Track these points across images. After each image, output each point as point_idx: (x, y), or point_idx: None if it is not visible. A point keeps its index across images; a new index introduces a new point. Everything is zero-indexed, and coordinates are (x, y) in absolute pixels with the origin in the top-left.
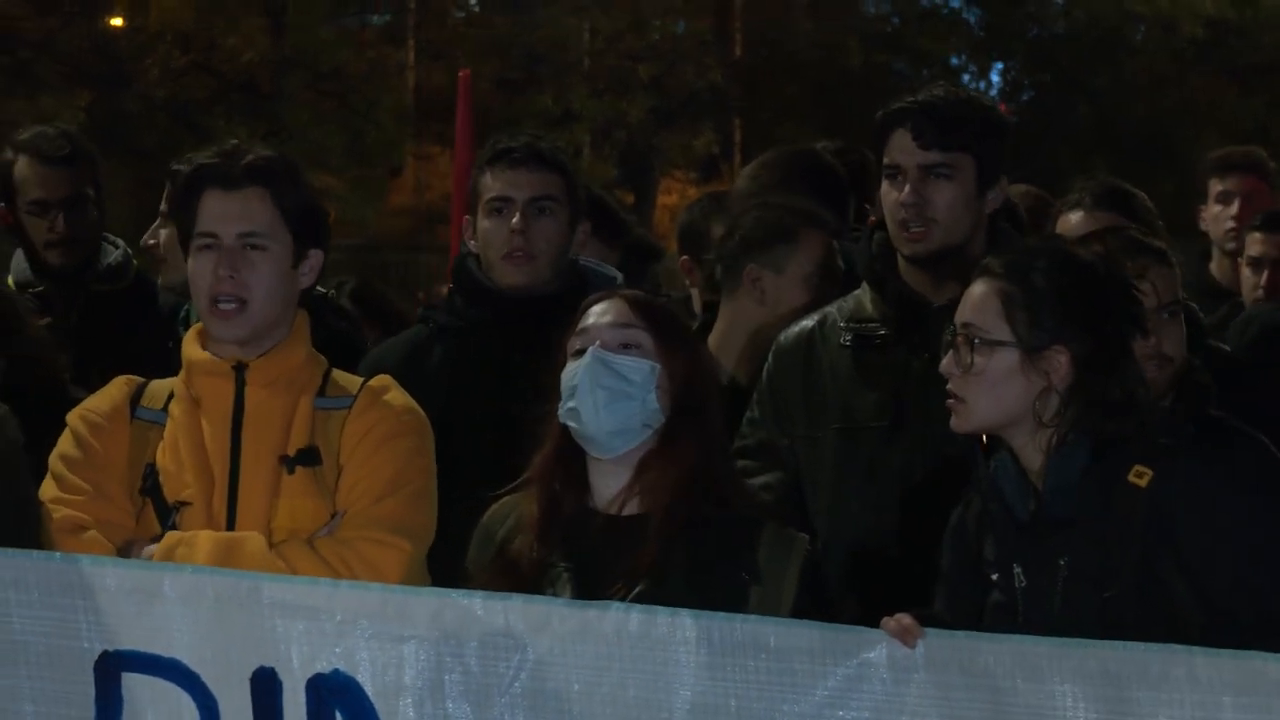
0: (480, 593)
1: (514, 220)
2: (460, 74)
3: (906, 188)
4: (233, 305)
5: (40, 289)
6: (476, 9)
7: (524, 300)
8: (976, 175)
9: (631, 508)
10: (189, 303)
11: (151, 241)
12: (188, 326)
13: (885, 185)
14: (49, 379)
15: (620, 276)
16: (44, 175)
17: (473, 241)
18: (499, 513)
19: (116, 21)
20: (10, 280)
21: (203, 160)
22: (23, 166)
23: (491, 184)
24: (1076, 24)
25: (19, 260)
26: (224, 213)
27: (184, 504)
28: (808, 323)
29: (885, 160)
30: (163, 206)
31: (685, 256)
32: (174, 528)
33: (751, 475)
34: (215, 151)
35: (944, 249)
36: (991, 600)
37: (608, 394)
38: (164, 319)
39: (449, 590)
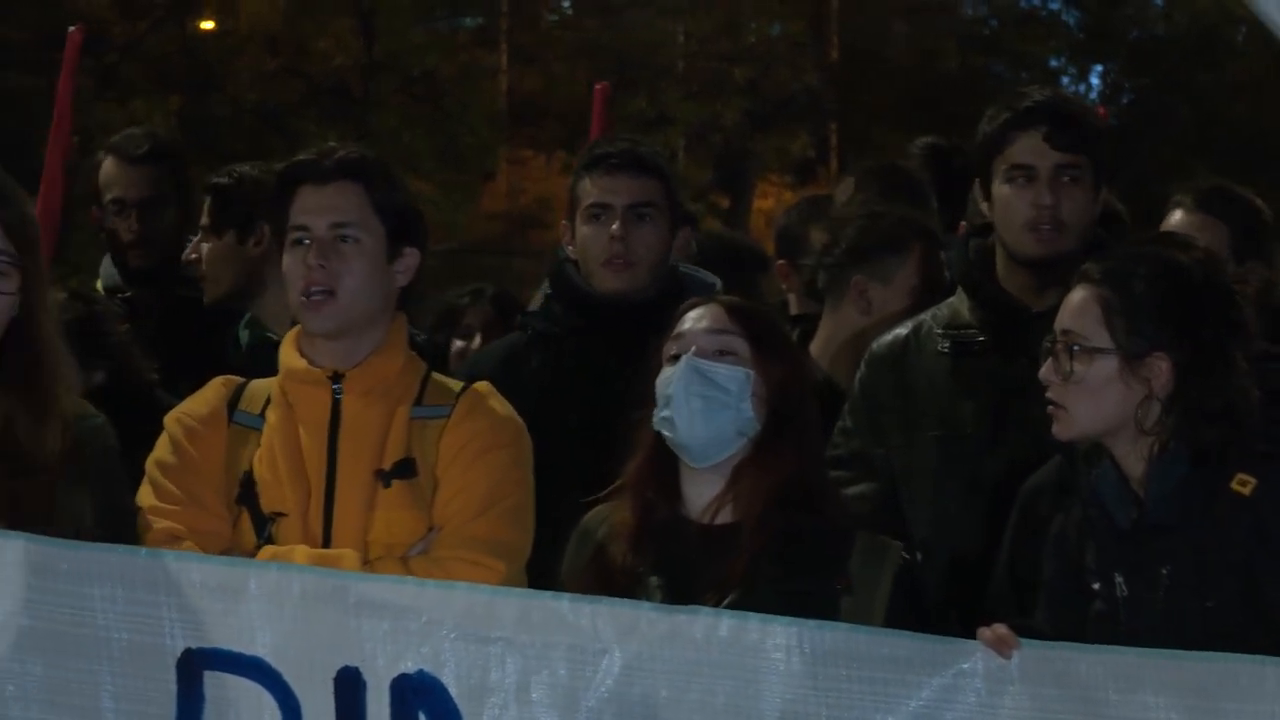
0: (568, 595)
1: (613, 227)
2: (597, 87)
3: (1041, 190)
4: (323, 295)
5: (127, 293)
6: (569, 12)
7: (621, 306)
8: (1094, 179)
9: (724, 516)
10: (249, 311)
11: (194, 256)
12: (249, 333)
13: (1008, 188)
14: (137, 386)
15: (719, 283)
16: (123, 174)
17: (570, 247)
18: (595, 519)
19: (206, 25)
20: (99, 284)
21: (296, 159)
22: (107, 166)
23: (590, 190)
24: (1177, 25)
25: (107, 264)
26: (315, 205)
27: (280, 515)
28: (902, 330)
29: (1010, 162)
30: (203, 220)
31: (782, 261)
32: (270, 539)
33: (845, 485)
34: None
35: (1070, 252)
36: (1093, 609)
37: (702, 403)
38: (215, 325)
39: (536, 592)
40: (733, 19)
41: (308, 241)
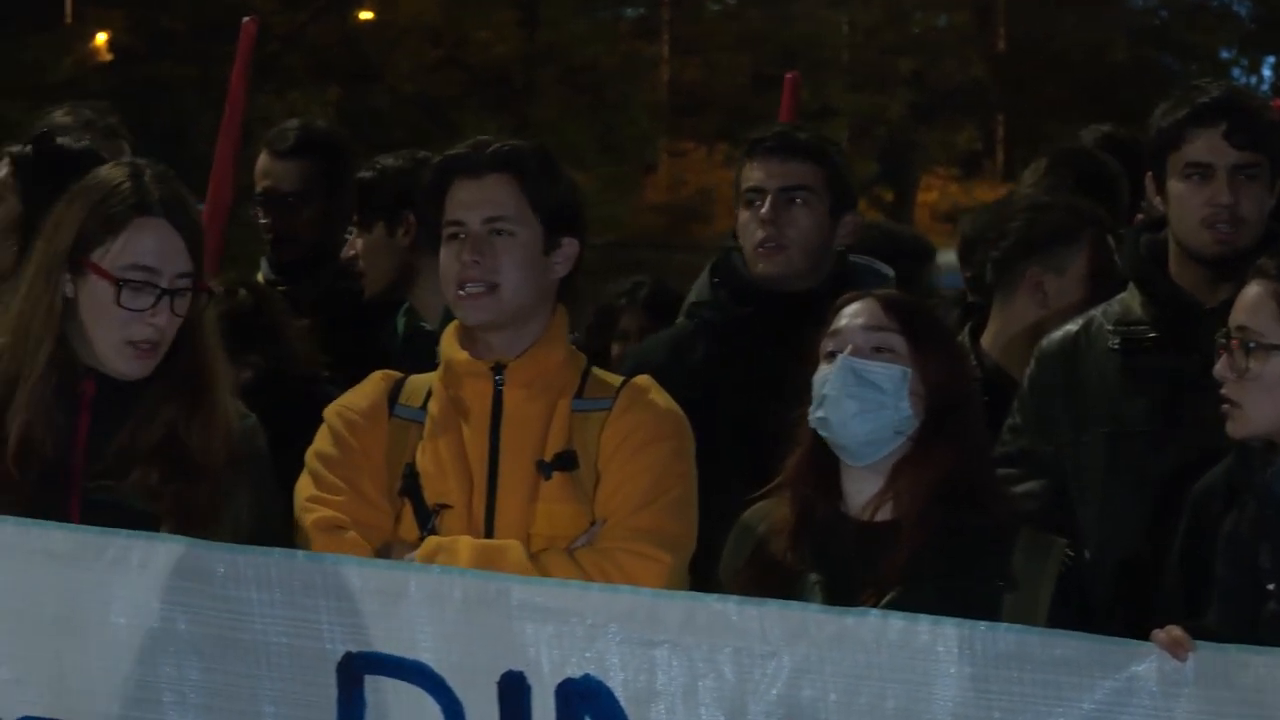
0: (734, 597)
1: (763, 210)
2: (787, 76)
3: (1219, 188)
4: (481, 289)
5: (284, 287)
6: (732, 2)
7: (784, 296)
8: (1271, 175)
9: (884, 513)
10: (406, 303)
11: (351, 253)
12: (405, 326)
13: (1184, 185)
14: (307, 379)
15: (892, 274)
16: (273, 167)
17: (739, 236)
18: (754, 515)
19: (366, 15)
20: (260, 277)
21: (450, 152)
22: (261, 159)
23: (747, 175)
24: None
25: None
26: (469, 200)
27: (444, 507)
28: (1072, 327)
29: (1187, 159)
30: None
31: (965, 270)
32: (433, 531)
33: (1013, 483)
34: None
35: (1247, 250)
36: (1267, 610)
37: (858, 403)
38: (374, 319)
39: (701, 594)
40: (898, 9)
41: (463, 236)
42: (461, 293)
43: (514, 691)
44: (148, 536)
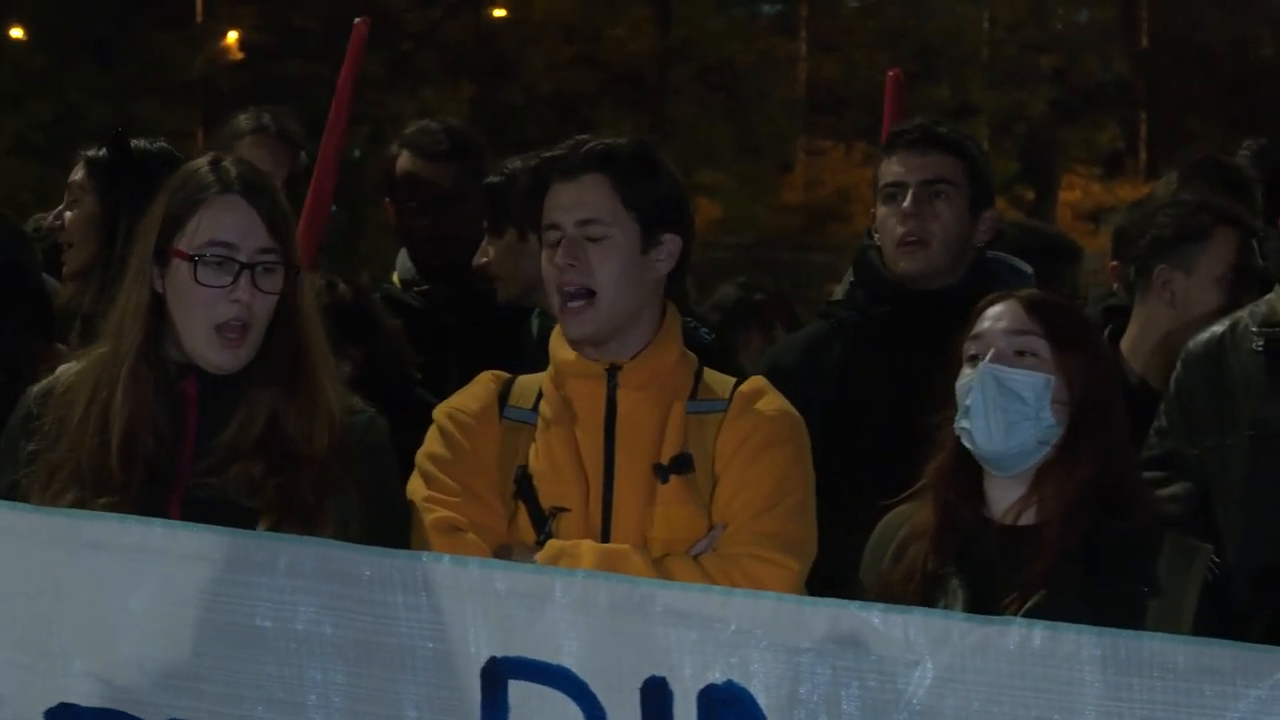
0: (878, 605)
1: (904, 204)
2: (890, 73)
3: None
4: (580, 302)
5: (424, 287)
6: None
7: (923, 294)
8: None
9: (1028, 517)
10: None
11: (484, 259)
12: (539, 329)
13: None
14: (400, 380)
15: (1031, 271)
16: (422, 171)
17: (877, 234)
18: (895, 519)
19: (499, 13)
20: (395, 278)
21: (547, 154)
22: (404, 161)
23: (887, 170)
24: None
25: (403, 258)
26: (563, 202)
27: (561, 510)
28: (1218, 328)
29: None
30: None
31: (1115, 262)
32: (550, 534)
33: (1160, 486)
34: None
35: None
36: None
37: (1001, 415)
38: (514, 323)
39: (846, 601)
40: (1039, 5)
41: (559, 239)
42: (563, 304)
43: (656, 697)
44: (293, 539)
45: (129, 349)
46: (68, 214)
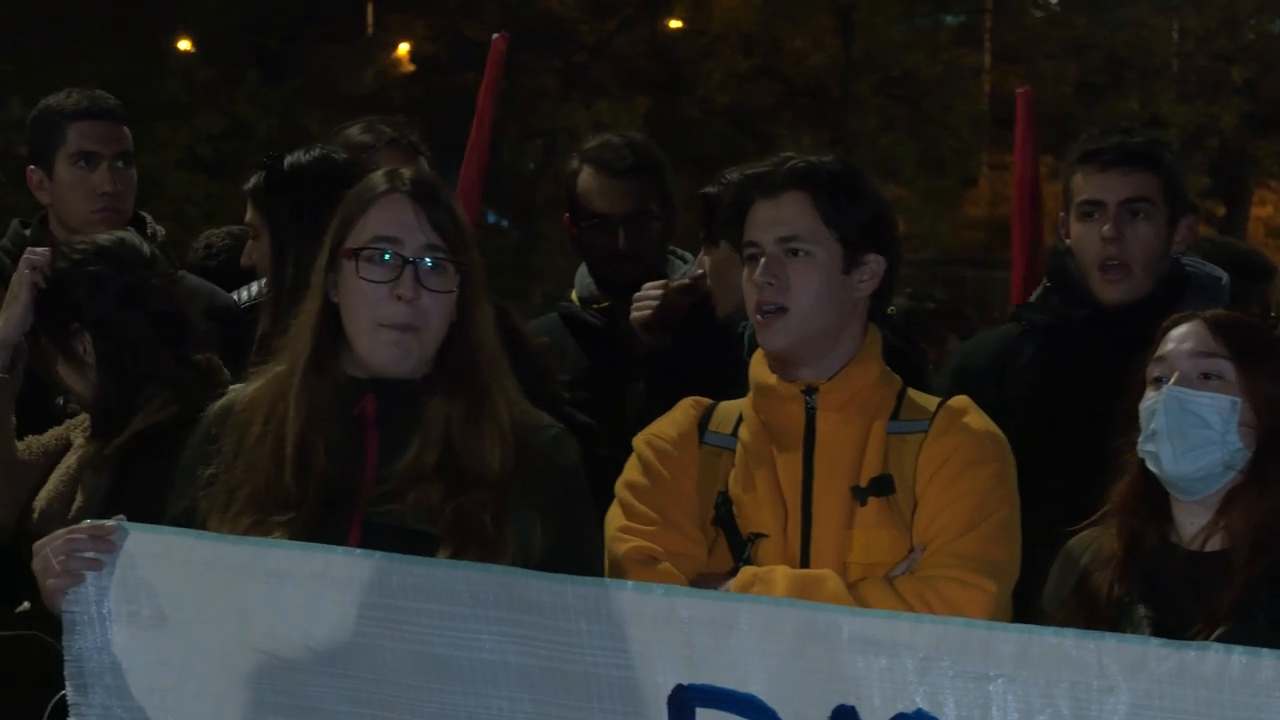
0: (1071, 631)
1: (1105, 228)
2: (1019, 91)
3: None
4: (773, 314)
5: (605, 305)
6: (1057, 8)
7: (1120, 304)
8: None
9: (1215, 543)
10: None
11: (699, 271)
12: (751, 347)
13: None
14: (548, 397)
15: (1225, 277)
16: (606, 188)
17: (1067, 239)
18: (1080, 544)
19: (675, 23)
20: (574, 295)
21: (749, 171)
22: (586, 177)
23: (1083, 186)
24: None
25: (583, 274)
26: (764, 220)
27: (759, 536)
28: None
29: None
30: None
31: None
32: (748, 561)
33: None
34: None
35: None
36: None
37: (1186, 441)
38: (730, 337)
39: (1037, 627)
40: (1231, 15)
41: (759, 257)
42: (760, 315)
43: None
44: (476, 567)
45: (301, 360)
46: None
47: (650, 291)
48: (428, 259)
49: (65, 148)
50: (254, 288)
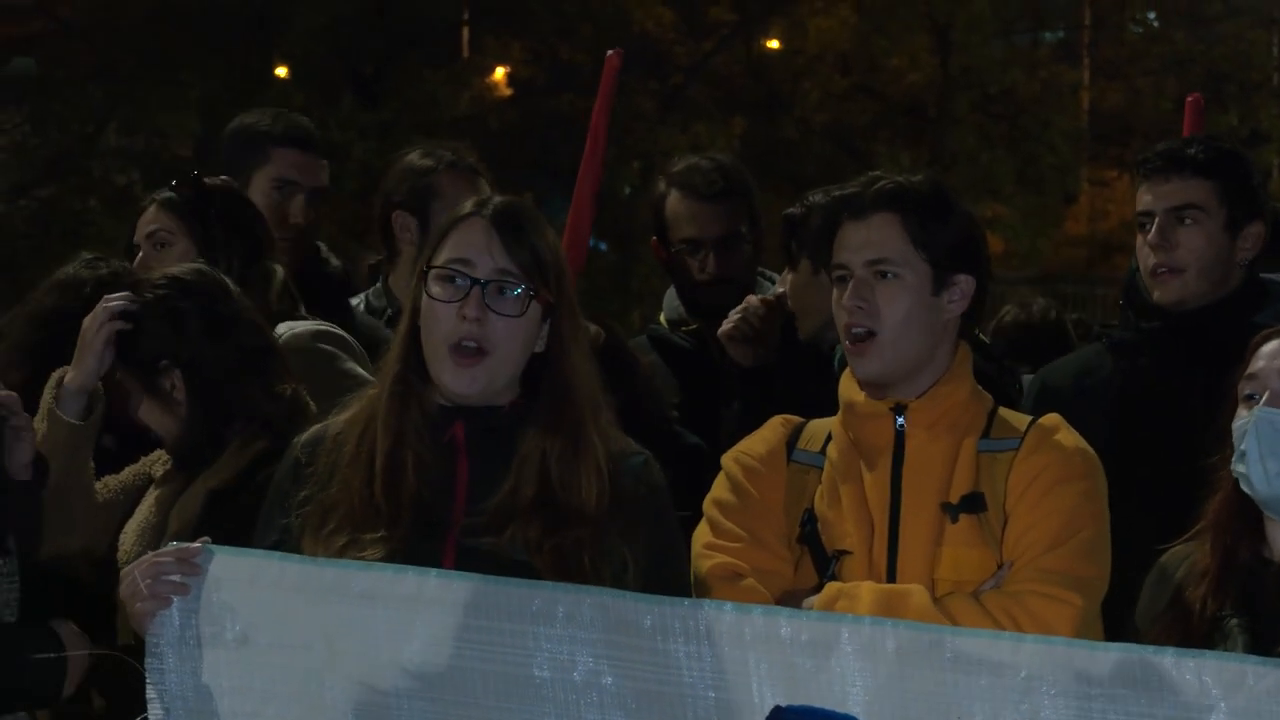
0: (1171, 649)
1: (1151, 234)
2: (1190, 99)
3: None
4: (864, 341)
5: (694, 327)
6: (1156, 23)
7: (1190, 314)
8: None
9: None
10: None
11: (781, 289)
12: (842, 366)
13: None
14: (660, 420)
15: None
16: (695, 212)
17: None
18: (1174, 559)
19: (772, 44)
20: (663, 318)
21: (838, 193)
22: (674, 201)
23: (1139, 198)
24: None
25: (671, 297)
26: (853, 242)
27: (843, 553)
28: None
29: None
30: (794, 251)
31: None
32: (833, 578)
33: None
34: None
35: None
36: None
37: (1277, 463)
38: (821, 360)
39: (1137, 646)
40: None
41: (849, 280)
42: (850, 342)
43: None
44: (571, 588)
45: (388, 380)
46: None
47: (734, 315)
48: (500, 283)
49: (265, 170)
50: (355, 299)
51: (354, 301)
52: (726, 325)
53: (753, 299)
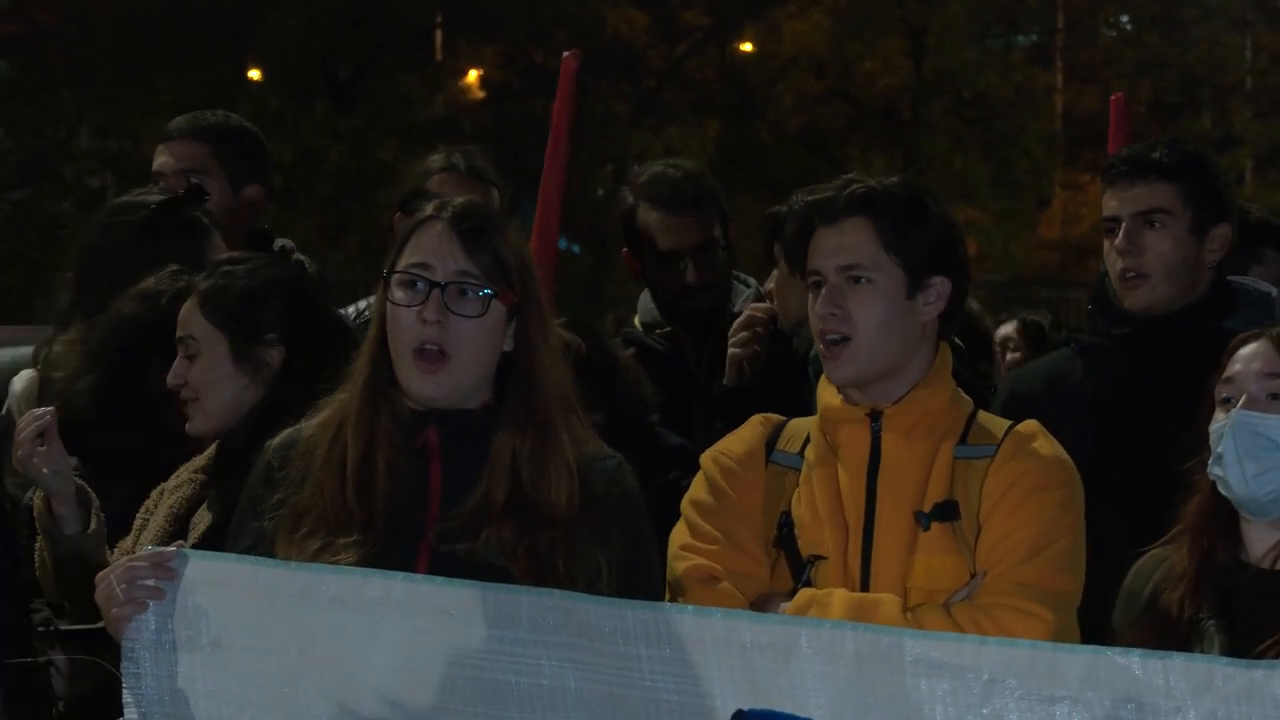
0: (1137, 651)
1: (1118, 240)
2: (1113, 98)
3: None
4: (838, 346)
5: (668, 330)
6: (1129, 27)
7: (1157, 319)
8: None
9: None
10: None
11: (770, 285)
12: (818, 370)
13: None
14: (642, 423)
15: (1275, 291)
16: (669, 224)
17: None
18: (1150, 562)
19: (746, 47)
20: (637, 321)
21: (809, 198)
22: (646, 214)
23: (1105, 203)
24: None
25: (645, 301)
26: (825, 247)
27: (818, 558)
28: None
29: None
30: (777, 250)
31: None
32: (808, 583)
33: None
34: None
35: None
36: None
37: (1256, 464)
38: (798, 362)
39: (1103, 648)
40: None
41: (822, 286)
42: (824, 346)
43: None
44: (535, 592)
45: (358, 385)
46: None
47: (742, 334)
48: (459, 285)
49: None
50: (360, 304)
51: (360, 306)
52: (738, 349)
53: (757, 314)
